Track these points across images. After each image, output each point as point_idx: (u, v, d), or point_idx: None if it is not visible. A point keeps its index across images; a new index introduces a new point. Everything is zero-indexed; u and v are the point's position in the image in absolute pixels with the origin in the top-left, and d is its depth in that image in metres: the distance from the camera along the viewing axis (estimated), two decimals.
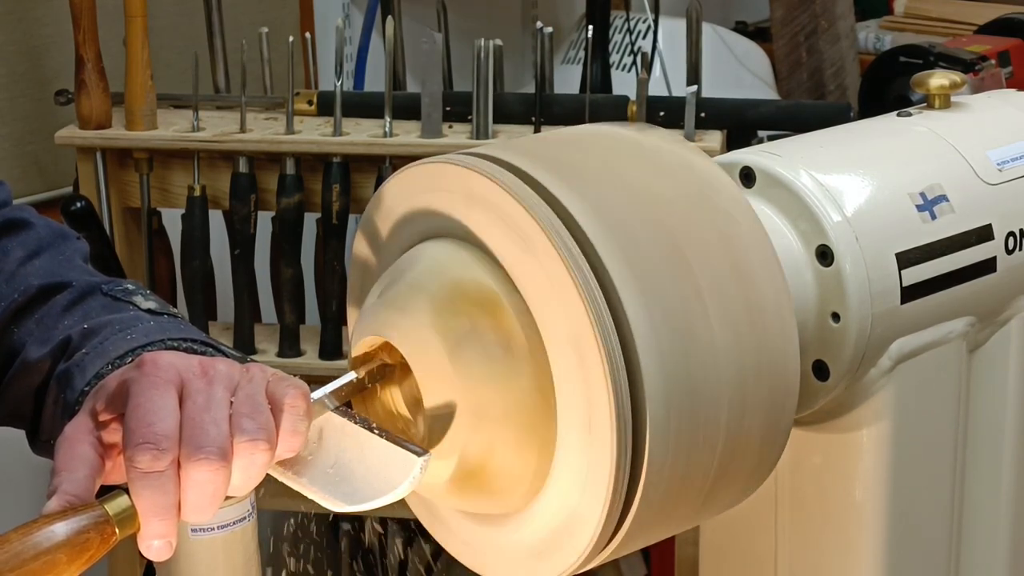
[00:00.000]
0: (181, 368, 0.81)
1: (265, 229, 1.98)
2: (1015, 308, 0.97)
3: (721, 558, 1.03)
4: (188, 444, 0.77)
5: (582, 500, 0.78)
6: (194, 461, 0.77)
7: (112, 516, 0.76)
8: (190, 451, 0.77)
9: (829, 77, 2.67)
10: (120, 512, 0.76)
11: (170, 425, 0.78)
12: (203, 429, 0.78)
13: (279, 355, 1.96)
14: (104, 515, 0.76)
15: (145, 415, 0.78)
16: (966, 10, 2.99)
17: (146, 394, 0.79)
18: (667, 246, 0.77)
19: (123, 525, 0.76)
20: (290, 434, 0.80)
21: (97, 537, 0.75)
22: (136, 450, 0.77)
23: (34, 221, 1.10)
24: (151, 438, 0.77)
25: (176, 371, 0.81)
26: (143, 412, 0.78)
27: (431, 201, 0.83)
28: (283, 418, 0.80)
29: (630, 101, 1.94)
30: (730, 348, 0.77)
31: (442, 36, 2.05)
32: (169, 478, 0.77)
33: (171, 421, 0.78)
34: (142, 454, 0.77)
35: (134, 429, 0.78)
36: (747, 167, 0.91)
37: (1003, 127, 0.99)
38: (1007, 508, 1.00)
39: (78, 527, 0.75)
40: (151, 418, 0.78)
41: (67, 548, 0.74)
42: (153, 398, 0.79)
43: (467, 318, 0.79)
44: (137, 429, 0.78)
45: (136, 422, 0.78)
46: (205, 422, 0.78)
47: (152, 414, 0.78)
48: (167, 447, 0.77)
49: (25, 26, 2.01)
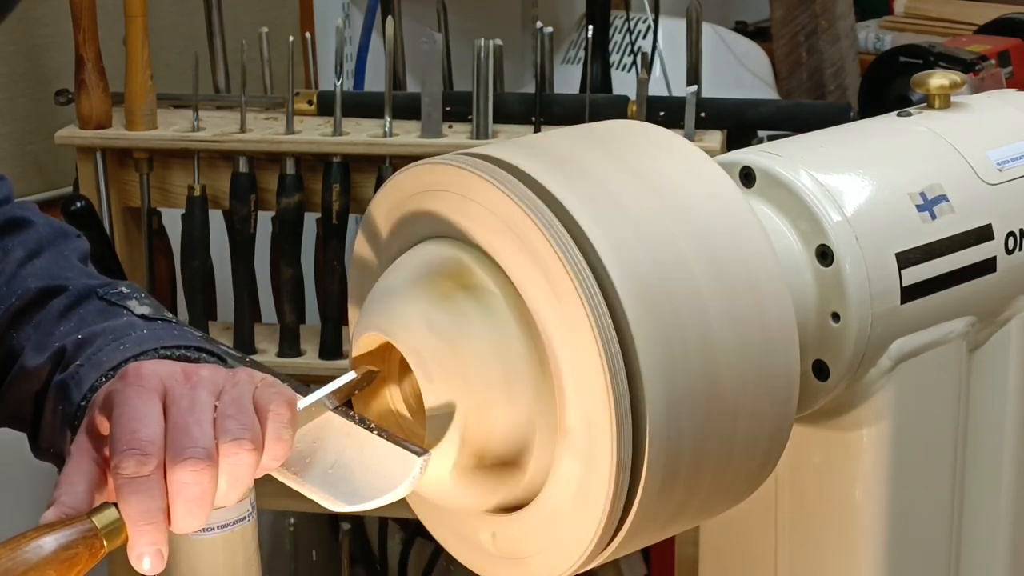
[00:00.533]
0: (164, 375, 0.81)
1: (265, 229, 1.98)
2: (1015, 308, 0.97)
3: (721, 558, 1.03)
4: (172, 447, 0.77)
5: (582, 500, 0.78)
6: (179, 463, 0.77)
7: (100, 529, 0.76)
8: (175, 453, 0.77)
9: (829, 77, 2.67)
10: (108, 524, 0.76)
11: (154, 431, 0.78)
12: (187, 431, 0.78)
13: (279, 355, 1.96)
14: (92, 528, 0.75)
15: (129, 423, 0.78)
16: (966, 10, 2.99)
17: (129, 403, 0.79)
18: (667, 246, 0.77)
19: (111, 537, 0.76)
20: (274, 442, 0.79)
21: (85, 551, 0.75)
22: (121, 457, 0.77)
23: (35, 220, 1.10)
24: (135, 444, 0.77)
25: (159, 379, 0.81)
26: (127, 420, 0.78)
27: (431, 201, 0.83)
28: (267, 426, 0.79)
29: (630, 101, 1.94)
30: (730, 348, 0.78)
31: (442, 36, 2.05)
32: (155, 483, 0.77)
33: (155, 427, 0.78)
34: (127, 460, 0.77)
35: (119, 437, 0.78)
36: (747, 167, 0.91)
37: (1003, 127, 0.99)
38: (1007, 508, 1.00)
39: (66, 541, 0.74)
40: (134, 425, 0.78)
41: (55, 563, 0.74)
42: (137, 406, 0.79)
43: (466, 318, 0.79)
44: (121, 437, 0.78)
45: (120, 430, 0.78)
46: (189, 424, 0.78)
47: (136, 421, 0.78)
48: (151, 452, 0.77)
49: (25, 26, 2.01)
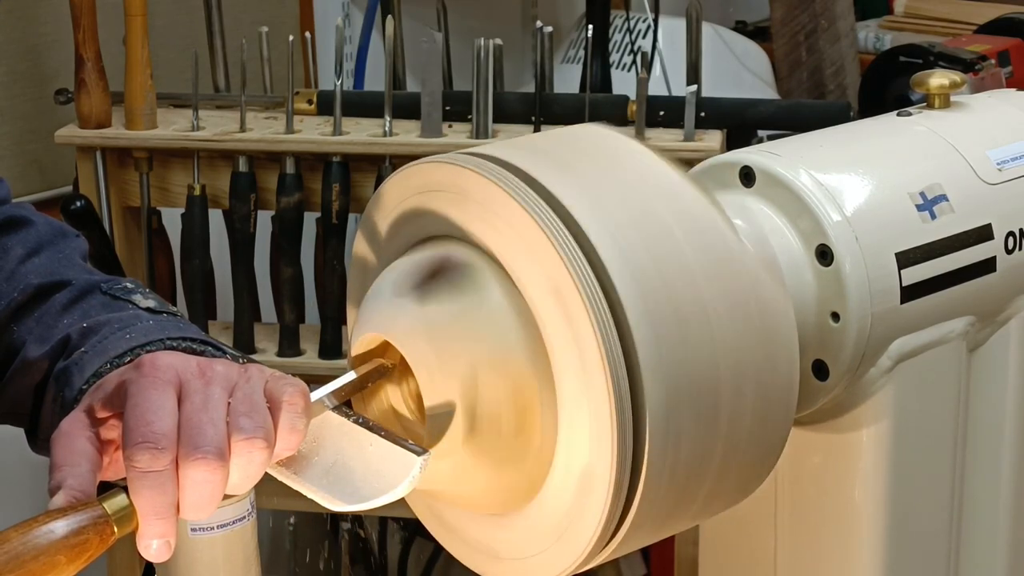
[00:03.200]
0: (179, 369, 0.81)
1: (265, 229, 1.98)
2: (1015, 308, 0.97)
3: (721, 558, 1.03)
4: (186, 444, 0.78)
5: (582, 500, 0.78)
6: (192, 461, 0.77)
7: (111, 515, 0.76)
8: (188, 451, 0.77)
9: (829, 77, 2.67)
10: (118, 511, 0.76)
11: (168, 424, 0.78)
12: (200, 429, 0.78)
13: (279, 354, 1.96)
14: (103, 514, 0.76)
15: (144, 414, 0.78)
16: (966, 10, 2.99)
17: (144, 394, 0.79)
18: (667, 245, 0.77)
19: (121, 524, 0.76)
20: (288, 431, 0.80)
21: (96, 537, 0.75)
22: (135, 449, 0.77)
23: (34, 219, 1.11)
24: (150, 437, 0.77)
25: (175, 372, 0.81)
26: (142, 411, 0.79)
27: (431, 201, 0.83)
28: (281, 416, 0.80)
29: (630, 101, 1.94)
30: (730, 348, 0.77)
31: (442, 36, 2.05)
32: (168, 477, 0.77)
33: (169, 421, 0.78)
34: (141, 453, 0.77)
35: (133, 428, 0.78)
36: (747, 167, 0.91)
37: (1003, 127, 0.99)
38: (1007, 508, 1.00)
39: (77, 527, 0.75)
40: (150, 416, 0.78)
41: (66, 548, 0.74)
42: (152, 398, 0.79)
43: (466, 318, 0.79)
44: (136, 428, 0.78)
45: (135, 421, 0.78)
46: (203, 422, 0.78)
47: (151, 413, 0.78)
48: (165, 446, 0.77)
49: (25, 25, 2.01)
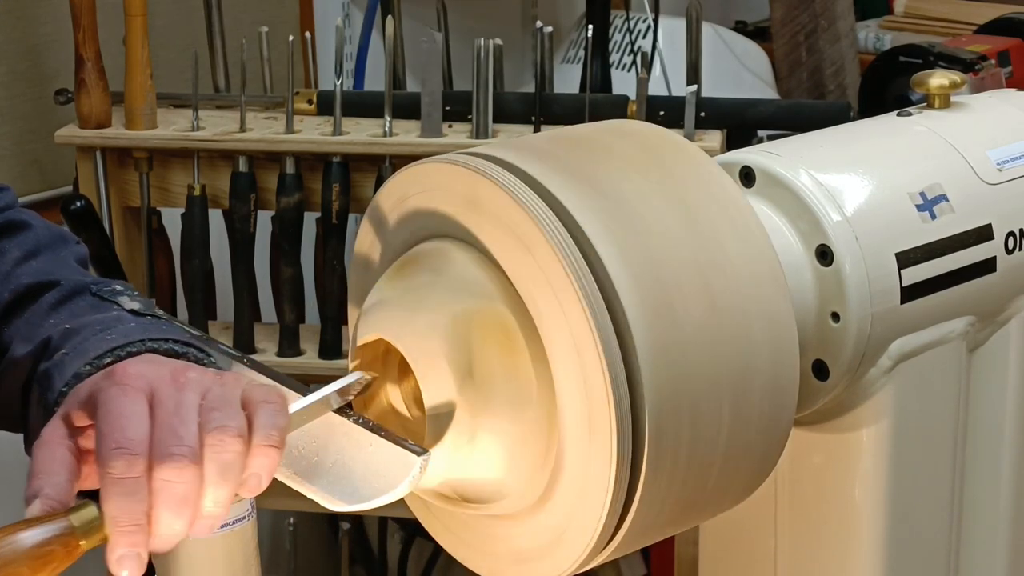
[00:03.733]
0: (151, 377, 0.81)
1: (265, 229, 1.98)
2: (1015, 308, 0.97)
3: (721, 558, 1.03)
4: (157, 447, 0.77)
5: (582, 500, 0.78)
6: (163, 461, 0.76)
7: (77, 527, 0.75)
8: (159, 452, 0.77)
9: (829, 77, 2.67)
10: (86, 523, 0.75)
11: (141, 430, 0.78)
12: (172, 431, 0.77)
13: (279, 354, 1.96)
14: (69, 526, 0.75)
15: (116, 420, 0.78)
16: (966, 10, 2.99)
17: (116, 401, 0.79)
18: (667, 246, 0.77)
19: (89, 536, 0.75)
20: (267, 427, 0.79)
21: (61, 549, 0.74)
22: (110, 455, 0.76)
23: (33, 223, 1.10)
24: (124, 443, 0.77)
25: (146, 380, 0.81)
26: (114, 418, 0.78)
27: (431, 201, 0.83)
28: (258, 411, 0.79)
29: (630, 101, 1.94)
30: (730, 348, 0.77)
31: (442, 36, 2.05)
32: (142, 484, 0.76)
33: (142, 427, 0.78)
34: (116, 459, 0.76)
35: (107, 434, 0.77)
36: (747, 167, 0.91)
37: (1003, 127, 0.99)
38: (1007, 508, 1.00)
39: (41, 538, 0.74)
40: (123, 423, 0.78)
41: (29, 560, 0.73)
42: (124, 404, 0.79)
43: (466, 317, 0.79)
44: (110, 435, 0.77)
45: (108, 427, 0.78)
46: (174, 424, 0.78)
47: (124, 419, 0.78)
48: (140, 452, 0.77)
49: (25, 25, 2.01)
